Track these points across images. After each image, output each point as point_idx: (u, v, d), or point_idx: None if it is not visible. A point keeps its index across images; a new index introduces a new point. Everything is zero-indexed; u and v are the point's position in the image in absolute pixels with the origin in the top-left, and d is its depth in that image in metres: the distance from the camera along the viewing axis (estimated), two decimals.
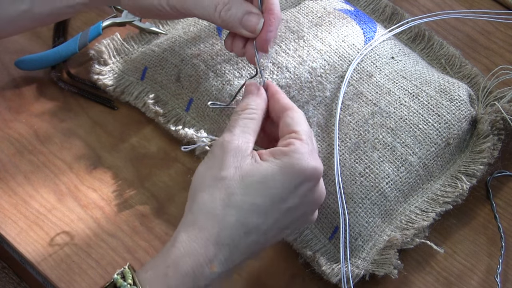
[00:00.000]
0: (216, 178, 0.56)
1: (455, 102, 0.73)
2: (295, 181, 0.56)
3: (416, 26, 0.83)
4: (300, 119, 0.60)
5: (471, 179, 0.72)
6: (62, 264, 0.68)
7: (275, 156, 0.56)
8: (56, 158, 0.74)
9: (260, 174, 0.55)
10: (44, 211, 0.71)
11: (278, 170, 0.56)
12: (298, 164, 0.56)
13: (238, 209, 0.55)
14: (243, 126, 0.59)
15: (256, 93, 0.62)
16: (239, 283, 0.68)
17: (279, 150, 0.57)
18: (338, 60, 0.74)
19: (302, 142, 0.57)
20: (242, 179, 0.55)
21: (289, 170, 0.56)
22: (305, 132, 0.59)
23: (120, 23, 0.82)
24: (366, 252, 0.68)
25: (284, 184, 0.56)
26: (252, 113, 0.60)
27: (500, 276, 0.69)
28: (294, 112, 0.60)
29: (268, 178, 0.55)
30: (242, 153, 0.56)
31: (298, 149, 0.56)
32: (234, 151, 0.56)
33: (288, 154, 0.56)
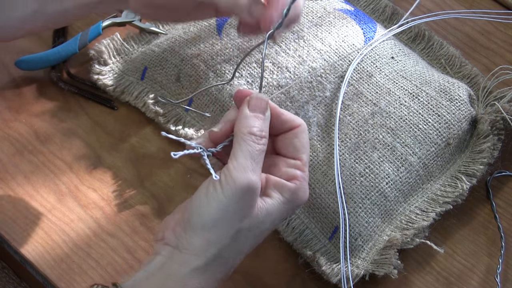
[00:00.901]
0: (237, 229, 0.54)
1: (455, 102, 0.73)
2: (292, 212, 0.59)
3: (416, 26, 0.83)
4: (306, 142, 0.58)
5: (471, 179, 0.72)
6: (62, 264, 0.68)
7: (282, 193, 0.56)
8: (56, 158, 0.74)
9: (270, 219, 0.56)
10: (44, 211, 0.71)
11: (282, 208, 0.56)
12: (300, 201, 0.57)
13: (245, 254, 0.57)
14: (260, 161, 0.55)
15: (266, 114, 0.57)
16: (239, 283, 0.68)
17: (286, 188, 0.56)
18: (338, 60, 0.74)
19: (305, 176, 0.57)
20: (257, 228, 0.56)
21: (290, 205, 0.57)
22: (308, 159, 0.58)
23: (120, 23, 0.82)
24: (366, 252, 0.68)
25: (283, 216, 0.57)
26: (266, 144, 0.56)
27: (500, 276, 0.69)
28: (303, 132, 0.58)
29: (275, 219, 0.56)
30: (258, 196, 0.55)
31: (302, 189, 0.57)
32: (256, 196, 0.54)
33: (292, 193, 0.56)
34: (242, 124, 0.56)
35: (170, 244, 0.55)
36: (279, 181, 0.56)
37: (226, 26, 0.77)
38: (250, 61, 0.73)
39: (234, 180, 0.53)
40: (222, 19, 0.77)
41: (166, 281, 0.54)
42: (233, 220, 0.54)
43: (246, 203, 0.54)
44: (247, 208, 0.54)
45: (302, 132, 0.58)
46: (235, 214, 0.54)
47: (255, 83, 0.72)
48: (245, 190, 0.53)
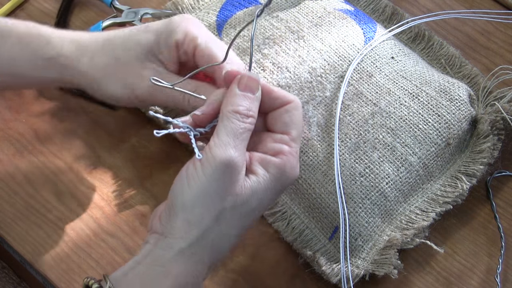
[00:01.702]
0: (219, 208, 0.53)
1: (455, 102, 0.73)
2: (280, 191, 0.57)
3: (416, 26, 0.83)
4: (297, 117, 0.57)
5: (471, 179, 0.72)
6: (62, 264, 0.68)
7: (268, 170, 0.54)
8: (56, 158, 0.74)
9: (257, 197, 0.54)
10: (44, 211, 0.71)
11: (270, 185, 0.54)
12: (288, 178, 0.55)
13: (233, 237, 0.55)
14: (245, 140, 0.54)
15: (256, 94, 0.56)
16: (239, 283, 0.68)
17: (271, 163, 0.55)
18: (338, 60, 0.74)
19: (292, 151, 0.55)
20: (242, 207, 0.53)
21: (278, 183, 0.55)
22: (298, 135, 0.57)
23: (120, 23, 0.82)
24: (366, 252, 0.68)
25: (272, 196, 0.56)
26: (253, 123, 0.55)
27: (500, 276, 0.69)
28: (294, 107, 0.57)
29: (262, 198, 0.54)
30: (243, 174, 0.53)
31: (289, 164, 0.55)
32: (237, 175, 0.53)
33: (279, 168, 0.55)
34: (229, 102, 0.54)
35: (157, 232, 0.54)
36: (264, 156, 0.55)
37: (226, 26, 0.77)
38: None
39: (214, 157, 0.52)
40: (222, 19, 0.77)
41: (151, 267, 0.53)
42: (214, 199, 0.52)
43: (227, 180, 0.52)
44: (229, 186, 0.52)
45: (294, 108, 0.57)
46: (216, 192, 0.52)
47: None
48: (225, 166, 0.52)
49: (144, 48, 0.63)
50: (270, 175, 0.54)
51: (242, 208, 0.53)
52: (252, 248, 0.70)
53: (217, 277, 0.68)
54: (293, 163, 0.55)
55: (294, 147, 0.56)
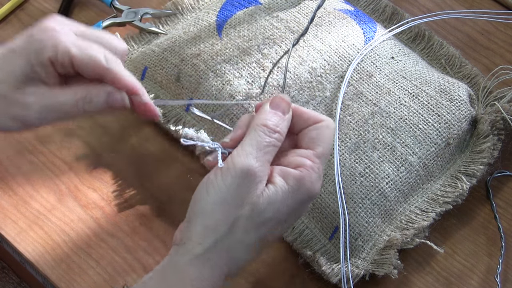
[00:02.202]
0: (235, 215, 0.53)
1: (455, 102, 0.73)
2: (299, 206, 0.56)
3: (416, 26, 0.83)
4: (326, 136, 0.56)
5: (471, 179, 0.72)
6: (62, 264, 0.68)
7: (287, 181, 0.54)
8: (56, 158, 0.74)
9: (273, 208, 0.54)
10: (44, 211, 0.71)
11: (287, 197, 0.54)
12: (307, 191, 0.55)
13: (249, 246, 0.54)
14: (269, 154, 0.54)
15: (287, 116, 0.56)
16: (239, 283, 0.68)
17: (291, 175, 0.54)
18: (338, 60, 0.74)
19: (314, 166, 0.55)
20: (258, 217, 0.53)
21: (296, 196, 0.54)
22: (323, 152, 0.56)
23: (120, 23, 0.82)
24: (366, 252, 0.68)
25: (289, 208, 0.55)
26: (280, 140, 0.55)
27: (500, 276, 0.69)
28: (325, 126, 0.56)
29: (279, 209, 0.54)
30: (262, 185, 0.53)
31: (309, 178, 0.54)
32: (257, 184, 0.53)
33: (298, 181, 0.54)
34: (258, 117, 0.55)
35: (177, 243, 0.55)
36: (284, 168, 0.55)
37: (226, 26, 0.77)
38: (250, 61, 0.73)
39: (234, 165, 0.52)
40: (222, 19, 0.77)
41: (168, 273, 0.54)
42: (231, 206, 0.53)
43: (245, 189, 0.52)
44: (246, 194, 0.52)
45: (324, 126, 0.56)
46: (233, 200, 0.53)
47: (255, 83, 0.72)
48: (244, 174, 0.52)
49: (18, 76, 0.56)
50: (288, 186, 0.54)
51: (259, 218, 0.53)
52: None
53: None
54: (313, 177, 0.55)
55: (316, 162, 0.55)
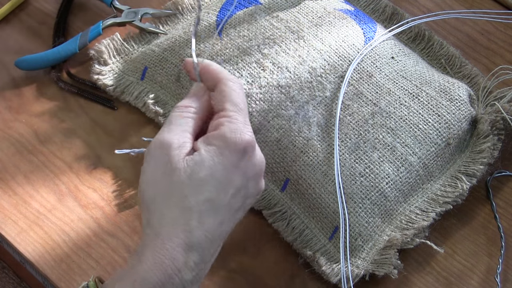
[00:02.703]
0: (167, 184, 0.55)
1: (455, 102, 0.73)
2: (234, 159, 0.56)
3: (416, 26, 0.83)
4: (228, 92, 0.58)
5: (471, 179, 0.72)
6: (62, 264, 0.68)
7: (210, 143, 0.56)
8: (56, 158, 0.74)
9: (203, 167, 0.54)
10: (44, 211, 0.71)
11: (216, 156, 0.55)
12: (231, 143, 0.55)
13: (195, 211, 0.54)
14: (183, 125, 0.57)
15: (201, 97, 0.60)
16: (239, 283, 0.68)
17: (211, 136, 0.56)
18: (338, 60, 0.74)
19: (231, 119, 0.56)
20: (191, 179, 0.54)
21: (225, 152, 0.55)
22: (234, 106, 0.57)
23: (120, 23, 0.82)
24: (366, 252, 0.68)
25: (225, 166, 0.55)
26: (193, 112, 0.59)
27: (500, 276, 0.69)
28: (222, 85, 0.59)
29: (211, 168, 0.55)
30: (183, 151, 0.55)
31: (228, 129, 0.56)
32: (175, 150, 0.55)
33: (219, 137, 0.55)
34: None
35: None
36: (206, 135, 0.57)
37: (226, 26, 0.77)
38: (250, 61, 0.73)
39: (151, 144, 0.57)
40: (222, 19, 0.77)
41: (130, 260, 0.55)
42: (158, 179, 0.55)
43: (162, 158, 0.55)
44: (166, 162, 0.55)
45: (223, 85, 0.58)
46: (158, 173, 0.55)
47: (255, 83, 0.72)
48: (157, 146, 0.56)
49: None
50: (212, 146, 0.55)
51: (190, 181, 0.54)
52: (252, 248, 0.70)
53: (217, 277, 0.68)
54: (233, 127, 0.56)
55: (231, 115, 0.57)
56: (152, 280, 0.52)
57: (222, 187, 0.55)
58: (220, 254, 0.69)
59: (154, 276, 0.52)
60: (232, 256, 0.69)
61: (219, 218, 0.55)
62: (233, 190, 0.56)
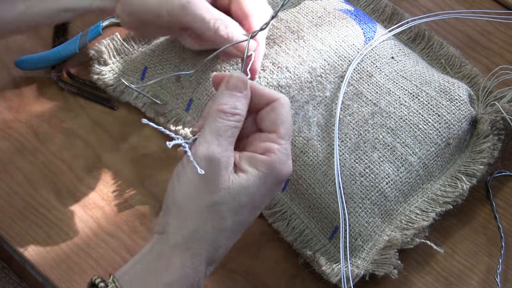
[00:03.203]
0: (208, 203, 0.54)
1: (455, 102, 0.73)
2: (273, 187, 0.57)
3: (416, 26, 0.83)
4: (285, 117, 0.57)
5: (471, 179, 0.72)
6: (62, 264, 0.68)
7: (257, 168, 0.55)
8: (56, 158, 0.74)
9: (247, 193, 0.55)
10: (44, 211, 0.71)
11: (260, 183, 0.55)
12: (277, 174, 0.56)
13: (228, 231, 0.56)
14: (231, 136, 0.55)
15: (244, 93, 0.57)
16: (239, 283, 0.68)
17: (260, 160, 0.55)
18: (338, 60, 0.74)
19: (281, 148, 0.56)
20: (234, 202, 0.54)
21: (268, 180, 0.56)
22: (286, 132, 0.57)
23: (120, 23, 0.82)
24: (366, 252, 0.68)
25: (264, 193, 0.56)
26: (239, 120, 0.56)
27: (500, 276, 0.69)
28: (280, 106, 0.57)
29: (254, 194, 0.55)
30: (229, 169, 0.55)
31: (278, 160, 0.55)
32: (224, 169, 0.54)
33: (268, 165, 0.55)
34: (215, 102, 0.56)
35: (157, 232, 0.56)
36: (252, 155, 0.56)
37: None
38: None
39: (197, 154, 0.54)
40: None
41: (151, 262, 0.55)
42: (201, 194, 0.54)
43: (211, 175, 0.54)
44: (213, 181, 0.54)
45: (280, 106, 0.57)
46: (201, 187, 0.54)
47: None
48: (207, 162, 0.53)
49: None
50: (259, 172, 0.55)
51: (233, 203, 0.54)
52: (252, 248, 0.70)
53: (217, 277, 0.68)
54: (282, 159, 0.56)
55: (282, 144, 0.56)
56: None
57: (255, 210, 0.57)
58: None
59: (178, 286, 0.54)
60: (232, 256, 0.69)
61: (241, 233, 0.58)
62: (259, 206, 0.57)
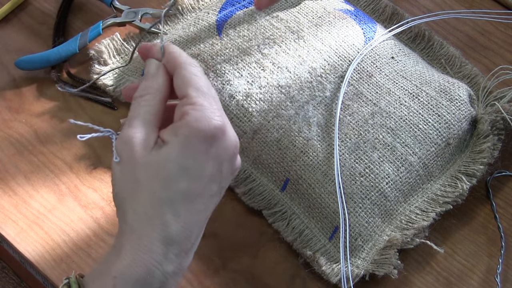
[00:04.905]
0: (135, 181, 0.54)
1: (455, 102, 0.73)
2: (203, 147, 0.54)
3: (416, 26, 0.83)
4: (188, 77, 0.56)
5: (471, 179, 0.72)
6: (62, 264, 0.68)
7: (176, 134, 0.54)
8: (56, 158, 0.74)
9: (170, 160, 0.53)
10: (44, 211, 0.71)
11: (183, 146, 0.53)
12: (198, 131, 0.54)
13: (168, 204, 0.53)
14: (143, 115, 0.55)
15: (155, 73, 0.57)
16: (239, 283, 0.68)
17: (177, 126, 0.54)
18: (338, 60, 0.74)
19: (195, 106, 0.54)
20: (158, 174, 0.53)
21: (192, 141, 0.54)
22: (196, 91, 0.55)
23: (120, 23, 0.82)
24: (366, 252, 0.68)
25: (194, 156, 0.54)
26: (152, 99, 0.56)
27: (500, 276, 0.69)
28: (182, 69, 0.56)
29: (178, 159, 0.54)
30: (147, 146, 0.54)
31: (193, 118, 0.54)
32: (138, 146, 0.54)
33: (185, 126, 0.54)
34: None
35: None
36: (172, 125, 0.55)
37: (226, 26, 0.77)
38: (250, 61, 0.73)
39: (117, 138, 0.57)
40: (222, 19, 0.77)
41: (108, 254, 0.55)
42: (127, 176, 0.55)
43: (128, 155, 0.55)
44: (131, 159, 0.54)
45: (181, 69, 0.56)
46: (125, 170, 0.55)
47: (255, 83, 0.72)
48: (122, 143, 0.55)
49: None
50: (179, 137, 0.54)
51: (160, 174, 0.53)
52: (252, 248, 0.70)
53: (218, 277, 0.68)
54: (197, 115, 0.54)
55: (195, 103, 0.54)
56: (132, 276, 0.52)
57: (194, 177, 0.54)
58: (220, 254, 0.69)
59: (134, 272, 0.52)
60: (232, 256, 0.69)
61: (195, 207, 0.54)
62: (207, 178, 0.55)
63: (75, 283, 0.54)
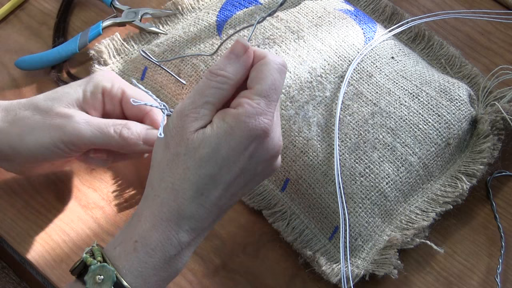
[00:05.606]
0: (174, 153, 0.56)
1: (455, 102, 0.73)
2: (243, 142, 0.56)
3: (416, 26, 0.83)
4: (265, 74, 0.56)
5: (471, 179, 0.72)
6: (62, 264, 0.68)
7: (224, 120, 0.55)
8: None
9: (209, 144, 0.55)
10: (44, 211, 0.71)
11: (225, 135, 0.55)
12: (244, 127, 0.55)
13: (194, 183, 0.55)
14: (210, 97, 0.56)
15: (240, 57, 0.57)
16: (239, 283, 0.68)
17: (228, 113, 0.56)
18: (338, 60, 0.74)
19: (252, 103, 0.55)
20: (195, 153, 0.55)
21: (235, 133, 0.55)
22: (263, 88, 0.56)
23: (120, 23, 0.82)
24: (366, 252, 0.68)
25: (232, 147, 0.55)
26: (223, 82, 0.57)
27: (500, 276, 0.69)
28: (264, 63, 0.57)
29: (217, 146, 0.55)
30: (198, 124, 0.56)
31: (245, 112, 0.55)
32: (190, 123, 0.56)
33: (234, 117, 0.55)
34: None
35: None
36: (224, 110, 0.56)
37: (226, 26, 0.77)
38: None
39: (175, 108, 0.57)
40: (222, 19, 0.77)
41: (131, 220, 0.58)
42: (170, 144, 0.56)
43: (179, 129, 0.56)
44: (180, 133, 0.56)
45: (262, 64, 0.57)
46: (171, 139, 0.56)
47: None
48: (177, 115, 0.56)
49: (70, 98, 0.66)
50: (225, 123, 0.55)
51: (196, 154, 0.55)
52: (252, 248, 0.70)
53: (218, 277, 0.68)
54: (250, 112, 0.55)
55: (254, 99, 0.56)
56: (152, 240, 0.55)
57: (226, 165, 0.56)
58: (220, 254, 0.69)
59: (153, 236, 0.55)
60: (232, 256, 0.69)
61: (218, 193, 0.56)
62: (238, 170, 0.57)
63: (98, 250, 0.56)
